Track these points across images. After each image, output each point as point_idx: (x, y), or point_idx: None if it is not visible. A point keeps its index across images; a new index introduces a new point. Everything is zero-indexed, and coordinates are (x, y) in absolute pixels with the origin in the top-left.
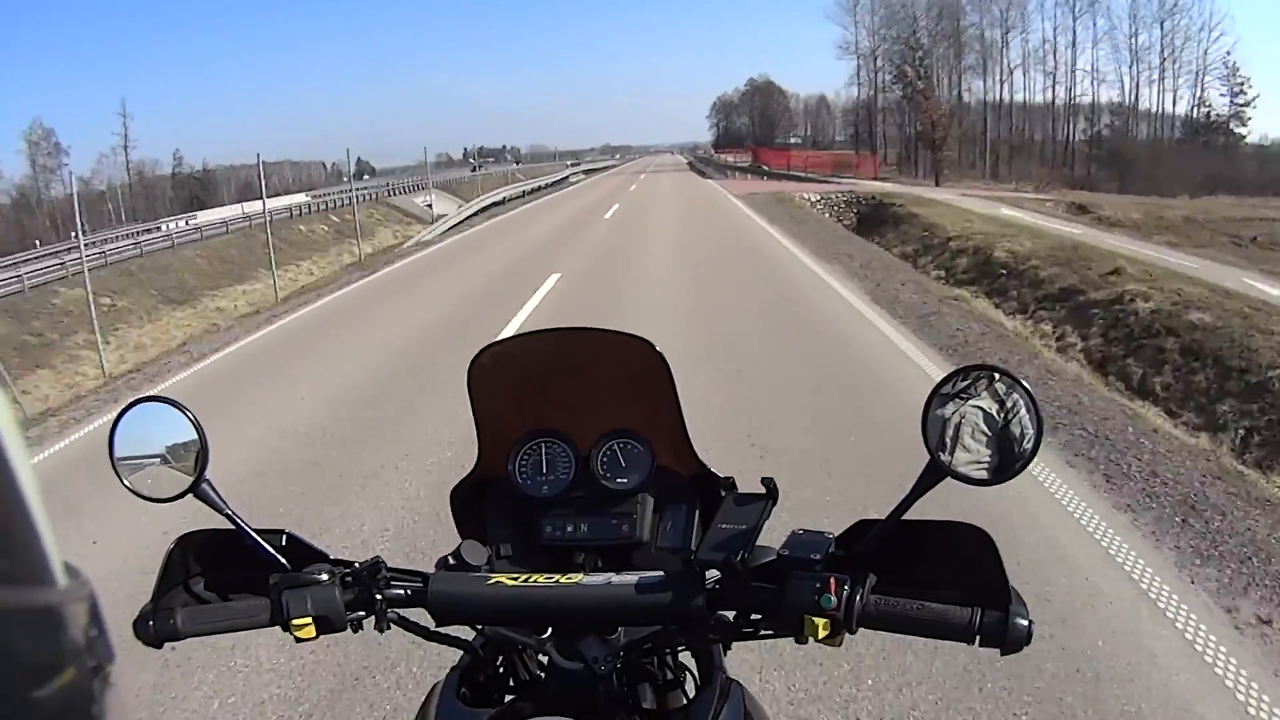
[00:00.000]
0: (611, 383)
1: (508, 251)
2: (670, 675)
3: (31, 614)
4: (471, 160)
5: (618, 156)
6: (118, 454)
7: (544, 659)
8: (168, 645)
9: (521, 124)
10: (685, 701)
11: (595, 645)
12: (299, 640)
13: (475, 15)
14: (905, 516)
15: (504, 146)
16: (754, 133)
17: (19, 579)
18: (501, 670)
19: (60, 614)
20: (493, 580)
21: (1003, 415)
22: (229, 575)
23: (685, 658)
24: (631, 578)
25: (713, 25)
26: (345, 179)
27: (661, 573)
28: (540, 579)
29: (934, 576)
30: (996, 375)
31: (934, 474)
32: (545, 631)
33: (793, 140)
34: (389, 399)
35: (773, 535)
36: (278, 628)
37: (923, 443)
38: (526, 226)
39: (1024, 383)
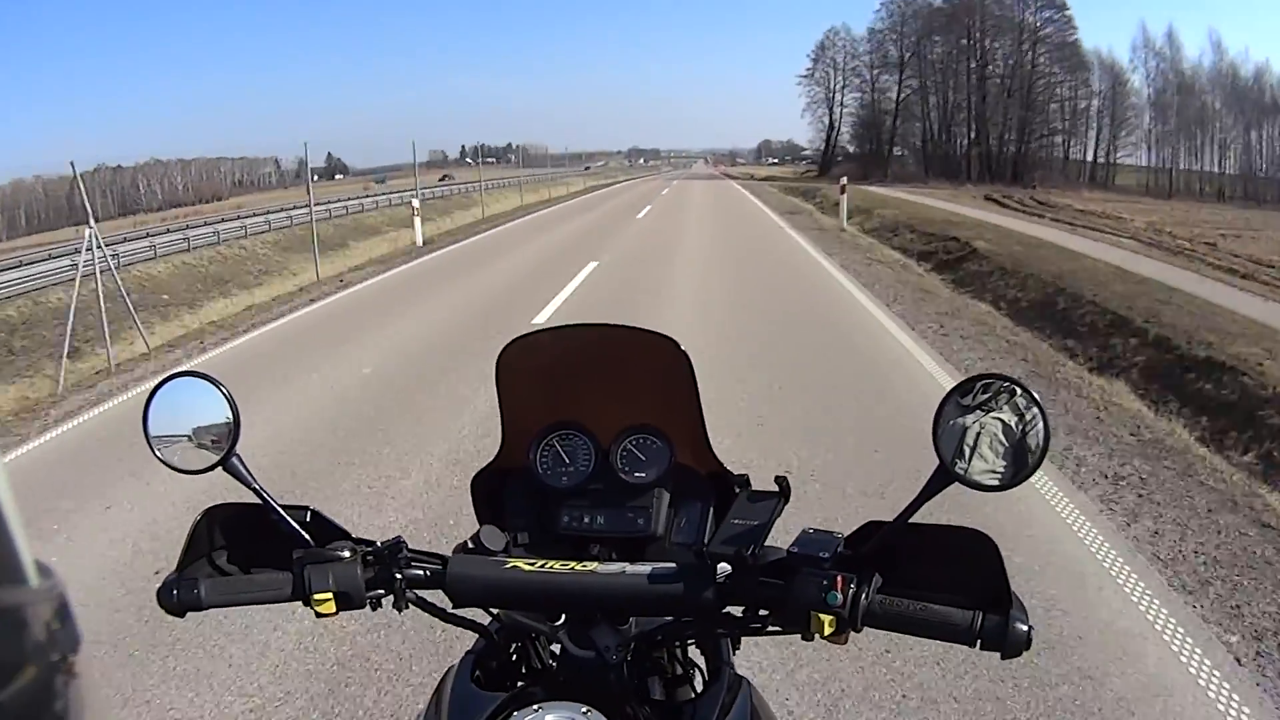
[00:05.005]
0: (635, 379)
1: None
2: (680, 669)
3: (3, 613)
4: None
5: (644, 162)
6: (151, 427)
7: (556, 647)
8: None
9: (528, 121)
10: (693, 695)
11: (607, 634)
12: (319, 615)
13: (475, 9)
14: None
15: (509, 145)
16: (999, 136)
17: None
18: (515, 656)
19: (31, 612)
20: (509, 565)
21: (1012, 423)
22: (253, 549)
23: (695, 654)
24: (645, 568)
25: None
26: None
27: (674, 565)
28: (556, 566)
29: (938, 579)
30: (1007, 385)
31: (941, 479)
32: (558, 618)
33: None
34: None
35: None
36: (299, 602)
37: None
38: None
39: (1033, 391)
